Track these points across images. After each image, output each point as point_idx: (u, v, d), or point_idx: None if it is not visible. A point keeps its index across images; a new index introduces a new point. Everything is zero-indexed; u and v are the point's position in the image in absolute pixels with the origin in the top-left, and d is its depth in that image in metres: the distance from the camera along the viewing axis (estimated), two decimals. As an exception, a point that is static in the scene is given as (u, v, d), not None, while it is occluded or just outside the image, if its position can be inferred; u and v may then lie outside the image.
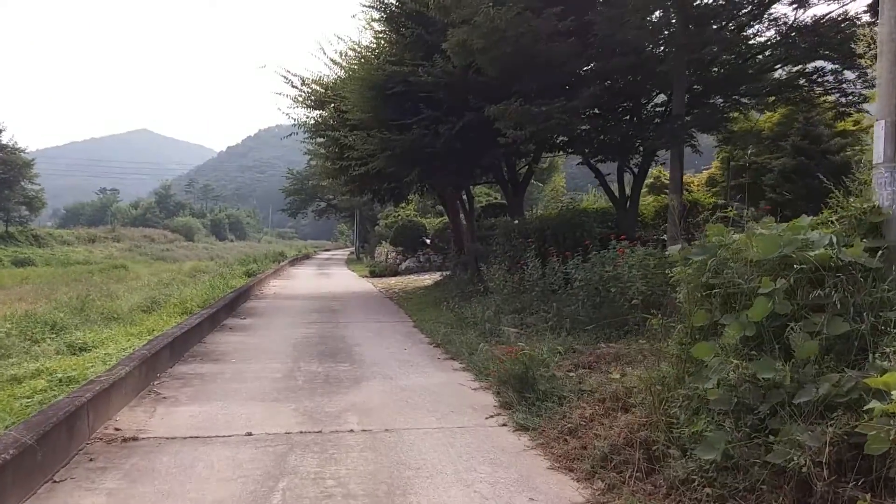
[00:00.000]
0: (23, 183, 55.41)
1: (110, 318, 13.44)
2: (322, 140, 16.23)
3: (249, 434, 4.66)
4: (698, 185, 20.74)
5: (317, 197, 54.77)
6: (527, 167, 13.76)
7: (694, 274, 3.87)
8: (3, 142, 54.29)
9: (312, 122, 15.58)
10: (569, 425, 4.44)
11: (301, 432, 4.72)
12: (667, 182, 18.98)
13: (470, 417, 5.13)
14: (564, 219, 10.86)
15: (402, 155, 12.14)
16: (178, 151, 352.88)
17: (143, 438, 4.59)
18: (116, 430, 4.78)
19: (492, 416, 5.12)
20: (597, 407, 4.65)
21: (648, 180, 29.21)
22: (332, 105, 14.02)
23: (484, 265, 14.59)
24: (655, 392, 3.89)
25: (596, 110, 10.45)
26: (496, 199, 29.40)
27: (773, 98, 10.88)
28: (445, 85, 11.26)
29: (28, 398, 5.38)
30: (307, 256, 50.85)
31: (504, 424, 4.91)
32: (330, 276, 25.53)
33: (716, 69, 10.12)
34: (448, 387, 6.23)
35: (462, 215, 17.84)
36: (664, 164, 12.51)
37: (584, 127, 9.05)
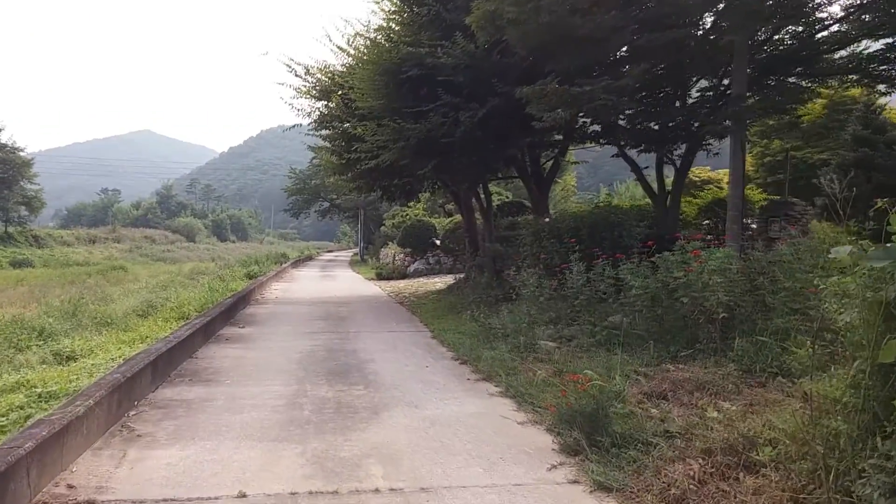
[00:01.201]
0: (22, 182, 54.42)
1: (103, 324, 12.80)
2: (328, 133, 15.08)
3: (243, 496, 3.52)
4: (728, 182, 19.50)
5: (320, 197, 53.79)
6: (552, 160, 12.60)
7: (869, 286, 2.72)
8: (2, 141, 53.33)
9: (318, 113, 14.43)
10: (672, 491, 3.28)
11: (311, 492, 3.58)
12: (698, 180, 17.84)
13: (526, 468, 3.97)
14: (601, 217, 9.70)
15: (416, 146, 11.00)
16: (181, 152, 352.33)
17: (102, 503, 3.46)
18: (69, 487, 3.65)
19: (555, 468, 3.96)
20: (702, 461, 3.50)
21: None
22: (340, 93, 12.87)
23: (504, 268, 13.48)
24: (817, 454, 2.74)
25: (643, 92, 9.28)
26: (507, 197, 28.24)
27: (851, 77, 9.61)
28: (466, 67, 10.12)
29: (3, 416, 4.81)
30: (310, 258, 49.72)
31: (576, 481, 3.75)
32: (335, 279, 24.38)
33: (781, 44, 8.93)
34: (488, 419, 5.08)
35: (477, 214, 16.72)
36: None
37: (630, 110, 7.91)
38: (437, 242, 23.90)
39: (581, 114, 7.89)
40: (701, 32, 8.11)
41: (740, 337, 5.36)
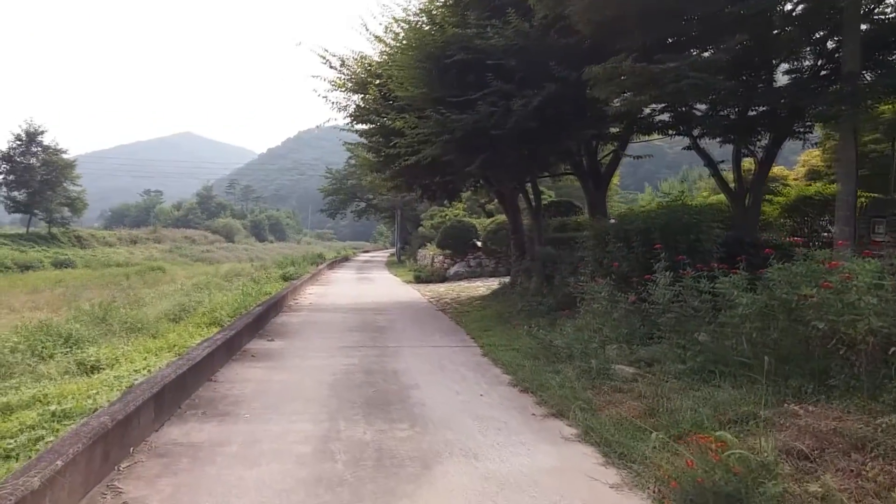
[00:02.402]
0: (65, 184, 55.23)
1: (133, 329, 11.87)
2: (364, 129, 14.08)
3: None
4: (795, 179, 17.93)
5: (356, 197, 53.27)
6: (610, 155, 11.34)
7: None
8: (45, 143, 54.22)
9: (354, 106, 13.44)
10: None
11: None
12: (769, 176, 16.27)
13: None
14: (674, 217, 8.42)
15: (462, 139, 9.90)
16: (221, 153, 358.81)
17: None
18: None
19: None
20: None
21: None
22: (378, 82, 11.86)
23: (555, 273, 12.27)
24: None
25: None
26: (550, 196, 26.91)
27: None
28: (520, 49, 8.99)
29: (12, 438, 4.51)
30: (346, 258, 49.18)
31: None
32: (372, 282, 23.47)
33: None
34: (570, 480, 3.94)
35: (523, 214, 15.53)
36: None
37: (723, 88, 6.65)
38: (479, 244, 22.75)
39: (655, 98, 6.62)
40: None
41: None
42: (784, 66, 9.30)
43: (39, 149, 53.96)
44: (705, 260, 7.40)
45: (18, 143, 53.39)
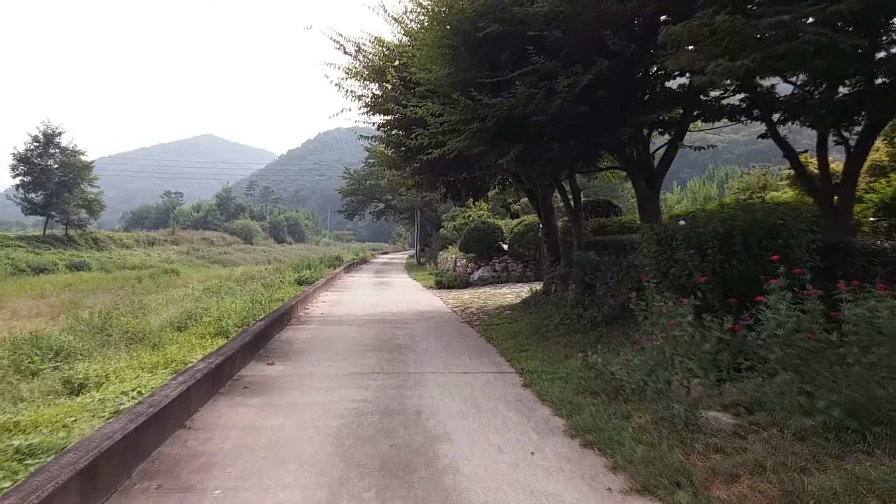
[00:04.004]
0: (82, 185, 54.75)
1: (134, 339, 11.20)
2: (382, 121, 12.66)
3: None
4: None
5: (374, 197, 52.11)
6: (666, 147, 9.78)
7: None
8: (63, 144, 53.76)
9: (370, 95, 12.03)
10: None
11: None
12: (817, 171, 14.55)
13: None
14: (757, 218, 6.86)
15: (495, 128, 8.42)
16: (242, 155, 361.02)
17: None
18: None
19: None
20: None
21: (789, 171, 24.78)
22: (397, 62, 10.44)
23: (596, 282, 10.74)
24: None
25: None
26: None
27: None
28: (566, 18, 7.48)
29: None
30: (364, 261, 47.92)
31: None
32: (390, 287, 22.06)
33: None
34: None
35: (555, 214, 14.00)
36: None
37: (856, 45, 5.14)
38: (505, 247, 21.23)
39: (759, 65, 5.07)
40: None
41: None
42: None
43: (57, 150, 53.54)
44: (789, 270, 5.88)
45: (36, 144, 53.01)
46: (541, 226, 19.24)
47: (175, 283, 32.40)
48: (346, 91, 11.80)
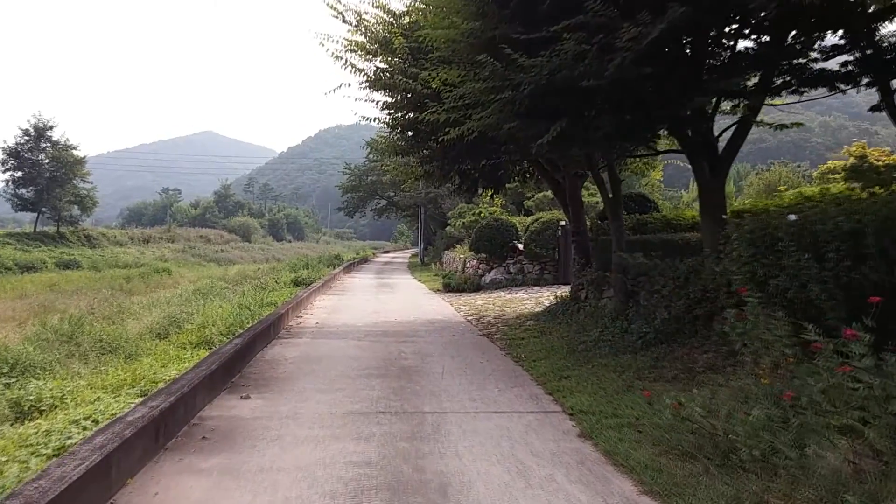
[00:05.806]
0: (74, 181, 53.01)
1: (106, 350, 10.34)
2: (387, 101, 10.82)
3: None
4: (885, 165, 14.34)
5: (376, 194, 50.34)
6: (734, 126, 7.99)
7: None
8: (55, 139, 52.00)
9: (373, 70, 10.23)
10: None
11: None
12: (881, 165, 12.86)
13: None
14: (894, 212, 5.10)
15: (531, 99, 6.66)
16: (241, 152, 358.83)
17: None
18: None
19: None
20: None
21: (844, 162, 23.05)
22: (407, 22, 8.68)
23: (639, 289, 8.97)
24: None
25: None
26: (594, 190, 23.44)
27: None
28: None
29: None
30: (365, 260, 46.20)
31: None
32: (393, 290, 20.28)
33: None
34: None
35: (583, 209, 12.21)
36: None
37: None
38: (520, 246, 19.44)
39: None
40: None
41: None
42: None
43: (48, 144, 51.79)
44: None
45: (27, 138, 51.25)
46: (563, 223, 17.46)
47: (165, 283, 30.74)
48: (346, 62, 10.00)
